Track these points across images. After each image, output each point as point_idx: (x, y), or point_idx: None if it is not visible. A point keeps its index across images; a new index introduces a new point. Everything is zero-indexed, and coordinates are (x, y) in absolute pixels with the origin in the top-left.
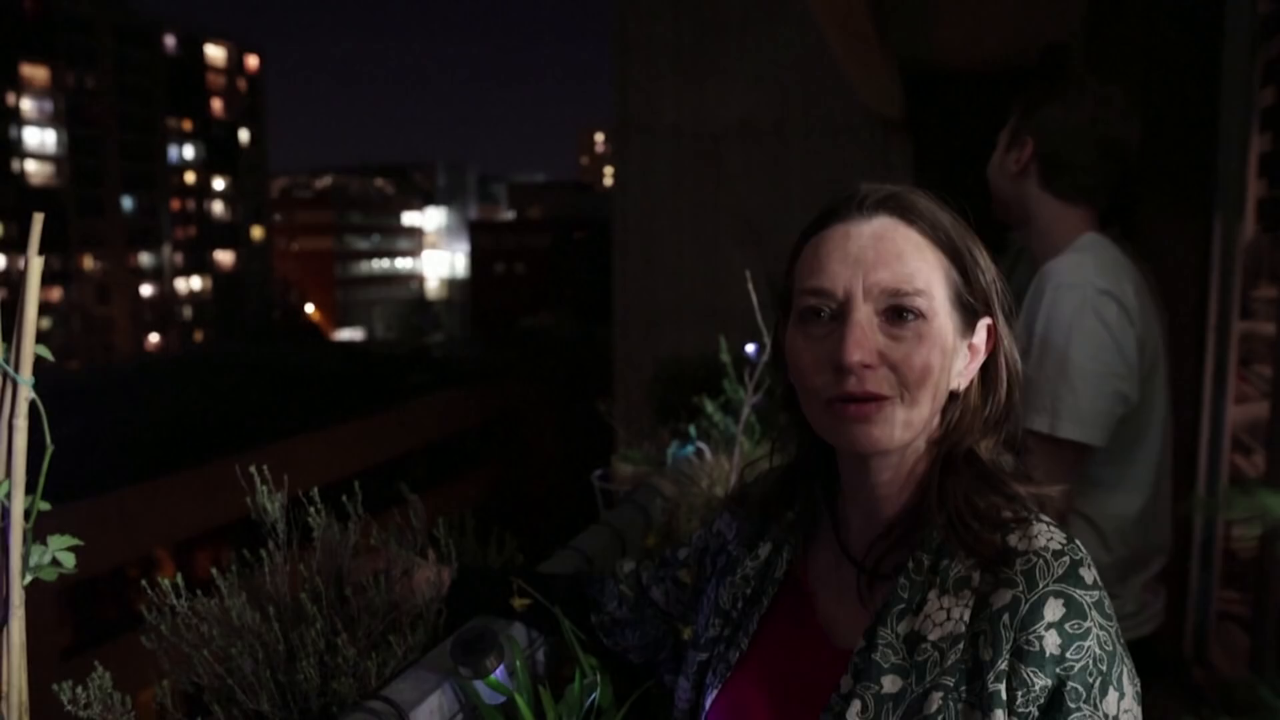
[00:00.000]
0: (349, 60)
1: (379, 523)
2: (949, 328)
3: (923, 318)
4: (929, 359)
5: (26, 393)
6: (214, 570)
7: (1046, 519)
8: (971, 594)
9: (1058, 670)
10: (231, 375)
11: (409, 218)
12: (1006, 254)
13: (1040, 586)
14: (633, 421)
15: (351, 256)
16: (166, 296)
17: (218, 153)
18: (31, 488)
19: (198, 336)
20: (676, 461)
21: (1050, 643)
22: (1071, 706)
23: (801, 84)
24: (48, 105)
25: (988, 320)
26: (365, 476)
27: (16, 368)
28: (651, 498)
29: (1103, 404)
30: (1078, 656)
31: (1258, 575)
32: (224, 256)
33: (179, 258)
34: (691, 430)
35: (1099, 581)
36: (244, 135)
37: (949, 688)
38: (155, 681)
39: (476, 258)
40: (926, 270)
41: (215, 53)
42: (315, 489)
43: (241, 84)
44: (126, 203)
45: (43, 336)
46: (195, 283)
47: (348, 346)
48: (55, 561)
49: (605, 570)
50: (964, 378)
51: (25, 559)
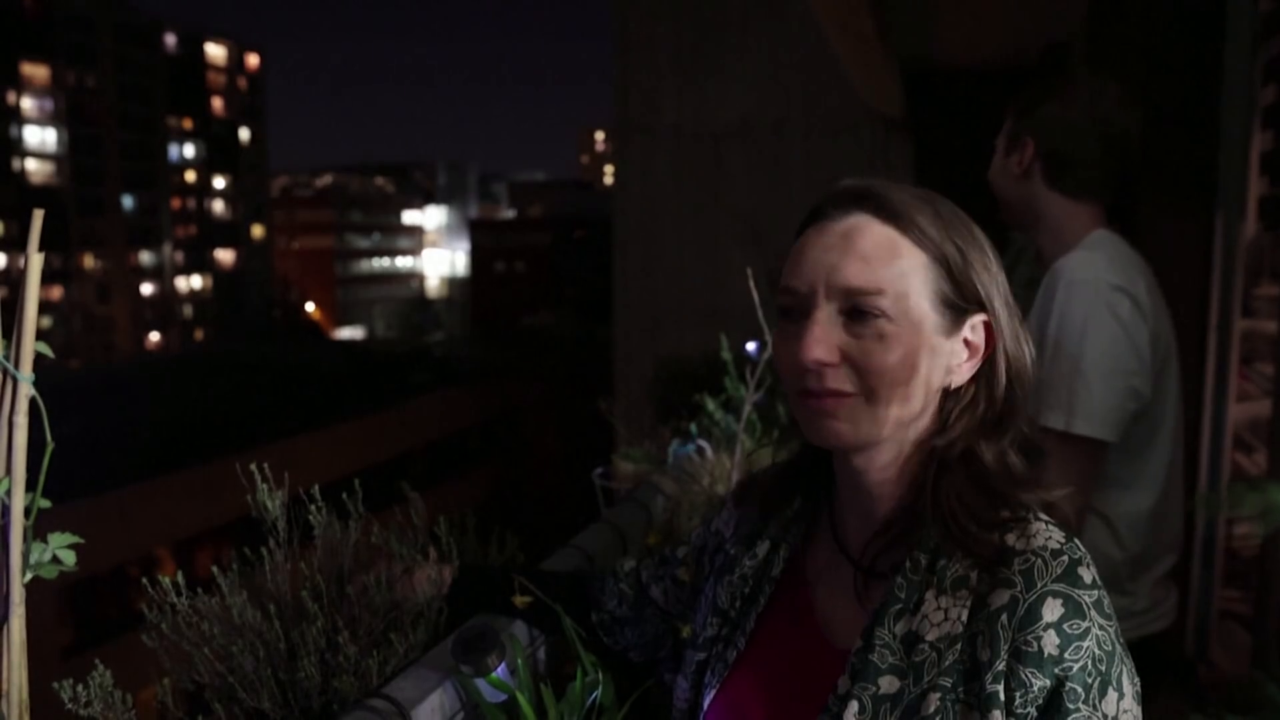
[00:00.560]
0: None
1: (380, 521)
2: (924, 326)
3: (885, 317)
4: (888, 359)
5: (27, 390)
6: (215, 568)
7: (1045, 518)
8: (969, 594)
9: (1056, 671)
10: (232, 374)
11: (409, 216)
12: (1007, 252)
13: (1039, 586)
14: (633, 420)
15: (352, 255)
16: (167, 295)
17: (218, 151)
18: (32, 485)
19: (198, 335)
20: (678, 459)
21: (1049, 643)
22: (1070, 707)
23: (802, 83)
24: (48, 104)
25: (983, 317)
26: (366, 475)
27: (17, 365)
28: (652, 496)
29: (1116, 400)
30: (1076, 657)
31: (1259, 574)
32: (224, 255)
33: (179, 256)
34: (692, 428)
35: (1098, 580)
36: (244, 134)
37: (947, 688)
38: (156, 680)
39: (477, 256)
40: (897, 268)
41: (216, 51)
42: (316, 487)
43: (242, 83)
44: (127, 201)
45: (43, 335)
46: (196, 281)
47: (348, 345)
48: (55, 559)
49: (606, 568)
50: (959, 375)
51: (25, 556)
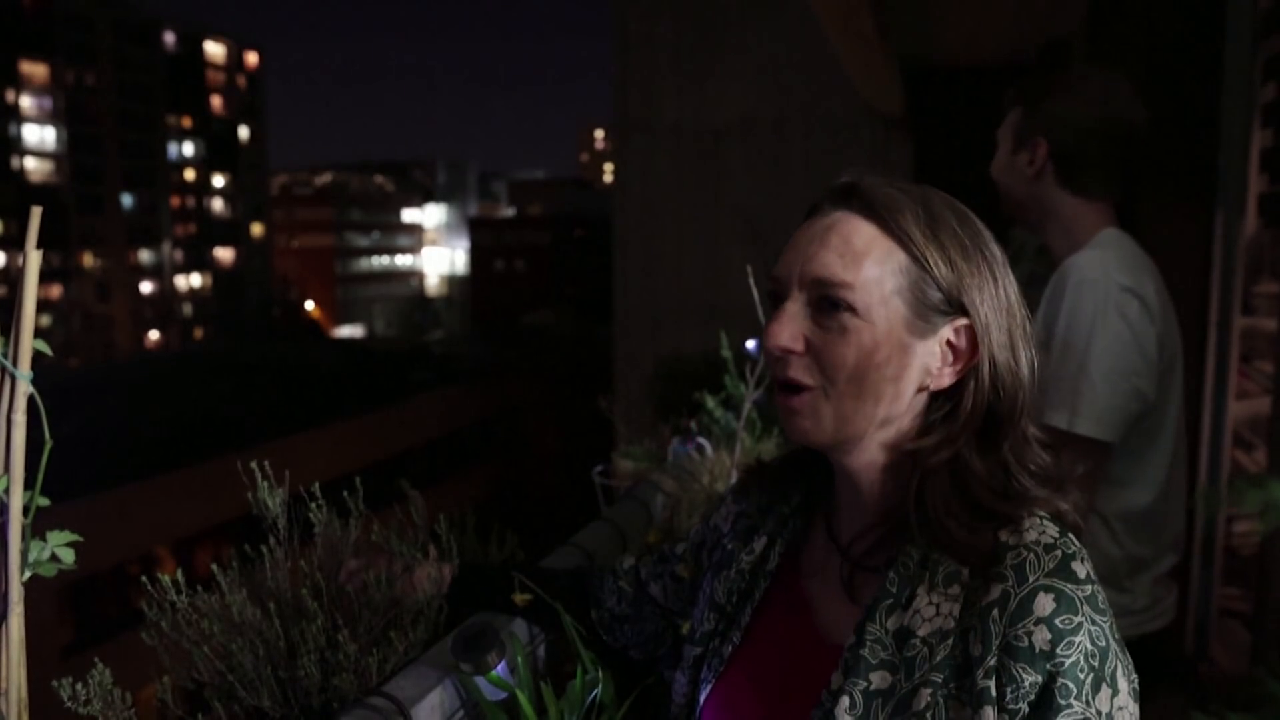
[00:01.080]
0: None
1: (380, 520)
2: (894, 324)
3: (851, 311)
4: (848, 353)
5: (25, 387)
6: (215, 566)
7: (1040, 513)
8: (961, 589)
9: (1048, 666)
10: (231, 373)
11: (409, 215)
12: (1008, 250)
13: (1030, 581)
14: (633, 418)
15: (351, 253)
16: (166, 294)
17: (217, 150)
18: (31, 483)
19: (198, 334)
20: (677, 457)
21: (1040, 638)
22: (1062, 703)
23: (801, 81)
24: (47, 102)
25: (965, 321)
26: (366, 474)
27: (15, 362)
28: (652, 494)
29: (1121, 401)
30: (1069, 652)
31: (1259, 571)
32: (224, 254)
33: (179, 255)
34: (692, 426)
35: (1093, 576)
36: (244, 132)
37: (938, 684)
38: (156, 678)
39: (476, 255)
40: (871, 264)
41: (215, 50)
42: (316, 485)
43: (241, 81)
44: (126, 200)
45: (43, 334)
46: (195, 280)
47: (348, 344)
48: (54, 557)
49: (606, 566)
50: (940, 379)
51: (24, 555)
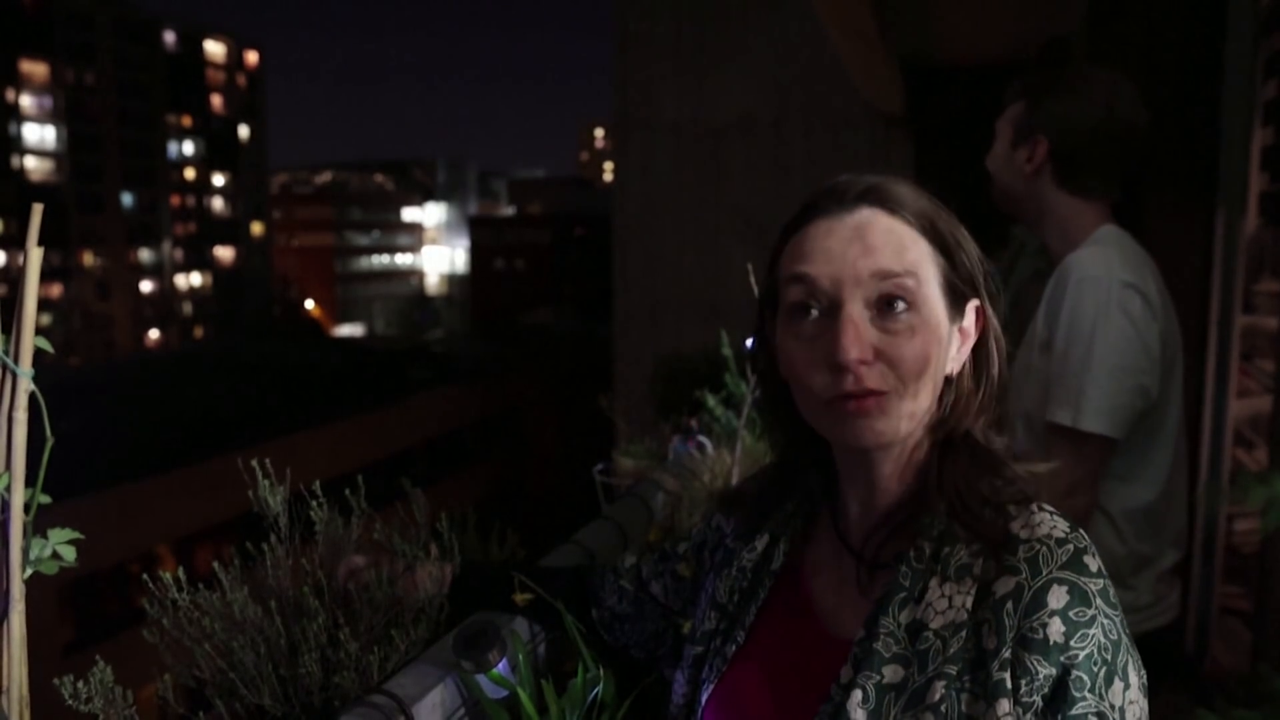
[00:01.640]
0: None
1: (381, 519)
2: (940, 314)
3: (913, 307)
4: (924, 350)
5: (26, 385)
6: (216, 564)
7: (1049, 508)
8: (974, 582)
9: (1062, 659)
10: (232, 371)
11: (409, 213)
12: (1009, 248)
13: (1044, 573)
14: (634, 416)
15: (351, 252)
16: (166, 293)
17: (217, 149)
18: (32, 481)
19: (198, 333)
20: (678, 456)
21: (1054, 630)
22: (1076, 696)
23: (801, 80)
24: (47, 101)
25: (975, 302)
26: (366, 473)
27: (16, 360)
28: (653, 492)
29: (1126, 398)
30: (1082, 645)
31: (1260, 569)
32: (224, 253)
33: (179, 254)
34: (693, 425)
35: (1103, 570)
36: (244, 131)
37: (952, 677)
38: (157, 676)
39: (476, 253)
40: (916, 258)
41: (215, 49)
42: (317, 484)
43: (241, 80)
44: (126, 199)
45: (43, 332)
46: (195, 279)
47: (348, 342)
48: (56, 555)
49: (607, 565)
50: (956, 362)
51: (25, 552)
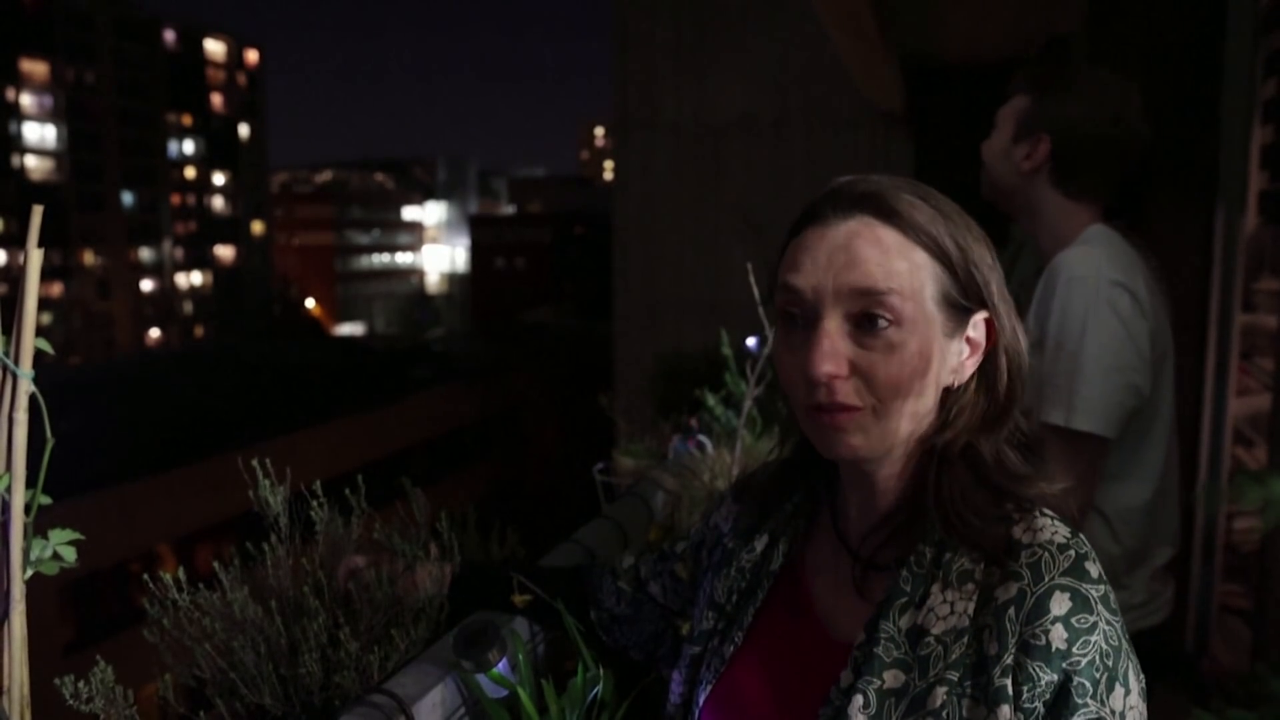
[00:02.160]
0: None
1: (381, 518)
2: (932, 329)
3: (895, 324)
4: (904, 369)
5: (27, 386)
6: (216, 564)
7: (1050, 513)
8: (975, 587)
9: (1064, 665)
10: (232, 370)
11: (409, 212)
12: (1009, 247)
13: (1046, 580)
14: (634, 415)
15: (352, 251)
16: (167, 292)
17: (218, 148)
18: (32, 481)
19: (198, 332)
20: (678, 455)
21: (1057, 637)
22: (1078, 702)
23: (801, 78)
24: (48, 100)
25: (984, 314)
26: (366, 472)
27: (16, 361)
28: (653, 491)
29: (1117, 396)
30: (1084, 651)
31: (1259, 568)
32: (224, 252)
33: (179, 253)
34: (693, 424)
35: (1104, 576)
36: (244, 130)
37: (953, 682)
38: (157, 676)
39: (477, 252)
40: (905, 270)
41: (215, 48)
42: (318, 484)
43: (241, 79)
44: (127, 198)
45: (43, 332)
46: (196, 278)
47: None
48: (56, 555)
49: (607, 564)
50: (960, 374)
51: (26, 553)
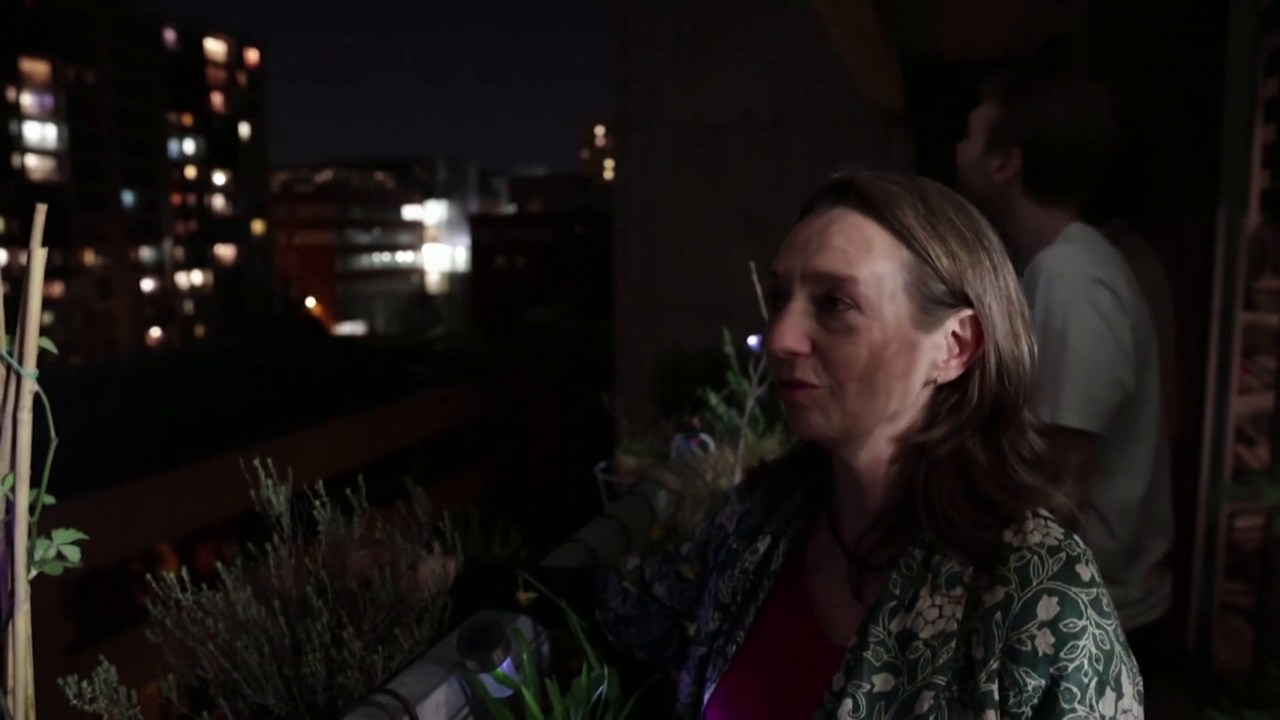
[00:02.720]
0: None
1: (383, 517)
2: (896, 320)
3: (855, 308)
4: (860, 352)
5: (31, 385)
6: (219, 564)
7: (1046, 514)
8: (964, 591)
9: (1051, 670)
10: (233, 370)
11: (409, 212)
12: (1009, 246)
13: (1034, 584)
14: (635, 415)
15: (352, 251)
16: (167, 291)
17: (218, 147)
18: (36, 481)
19: (199, 331)
20: (680, 454)
21: (1043, 642)
22: (1065, 707)
23: (802, 77)
24: (48, 100)
25: (969, 313)
26: (367, 472)
27: (20, 360)
28: (655, 490)
29: (1103, 391)
30: (1072, 656)
31: (1262, 567)
32: (225, 251)
33: (180, 252)
34: (695, 423)
35: (1097, 578)
36: (244, 130)
37: (940, 687)
38: (160, 675)
39: (477, 251)
40: (873, 260)
41: (215, 47)
42: (320, 483)
43: (241, 78)
44: (127, 198)
45: (44, 331)
46: (196, 277)
47: (349, 341)
48: (60, 555)
49: (610, 563)
50: (946, 371)
51: (30, 553)
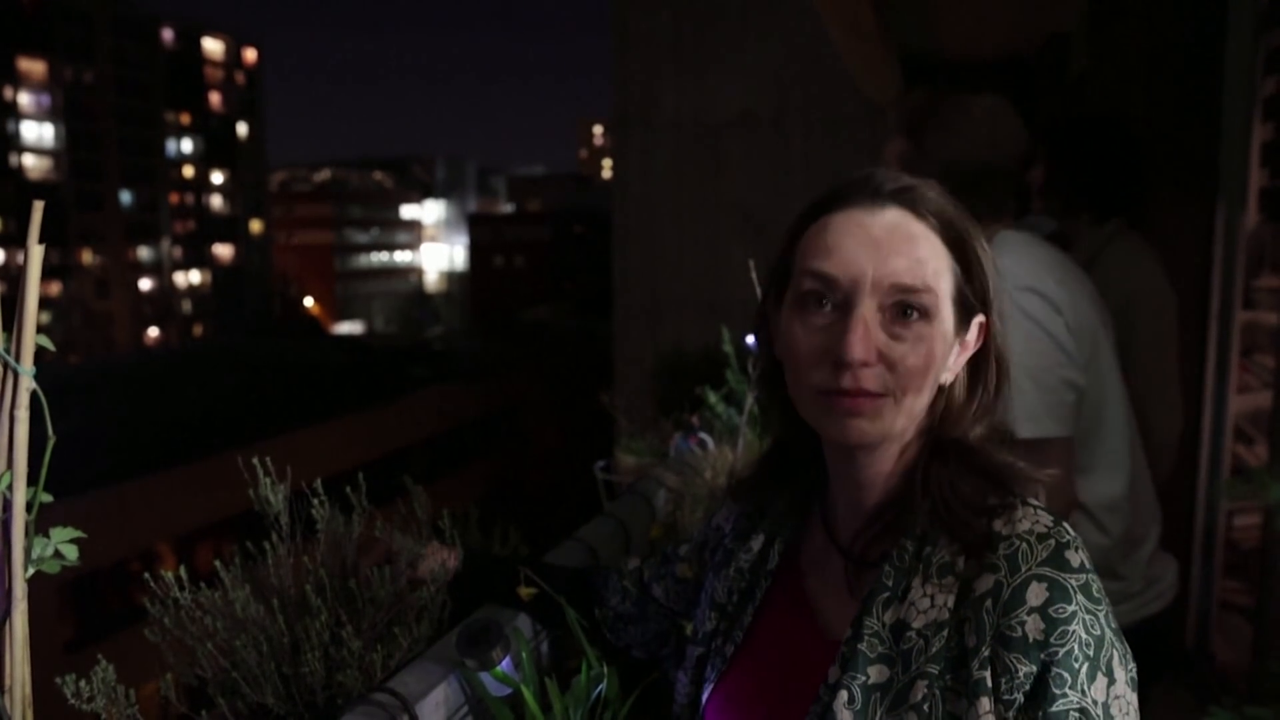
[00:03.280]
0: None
1: (382, 516)
2: (949, 327)
3: (926, 317)
4: (927, 361)
5: (28, 383)
6: (218, 563)
7: (1035, 503)
8: (955, 580)
9: (1042, 656)
10: (231, 369)
11: (408, 211)
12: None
13: (1023, 571)
14: (634, 413)
15: (350, 250)
16: (166, 291)
17: (216, 147)
18: (33, 479)
19: (197, 331)
20: (680, 452)
21: (1033, 628)
22: (1056, 692)
23: (801, 77)
24: (45, 99)
25: (981, 318)
26: (366, 471)
27: (17, 358)
28: (655, 489)
29: (1052, 396)
30: (1062, 641)
31: (1260, 565)
32: (223, 250)
33: (178, 252)
34: (694, 421)
35: (1087, 565)
36: (242, 129)
37: (934, 675)
38: (158, 674)
39: (476, 251)
40: (935, 268)
41: (213, 46)
42: (319, 481)
43: (240, 78)
44: (125, 197)
45: (42, 331)
46: (194, 277)
47: (347, 340)
48: (58, 554)
49: (610, 562)
50: (952, 372)
51: (28, 551)
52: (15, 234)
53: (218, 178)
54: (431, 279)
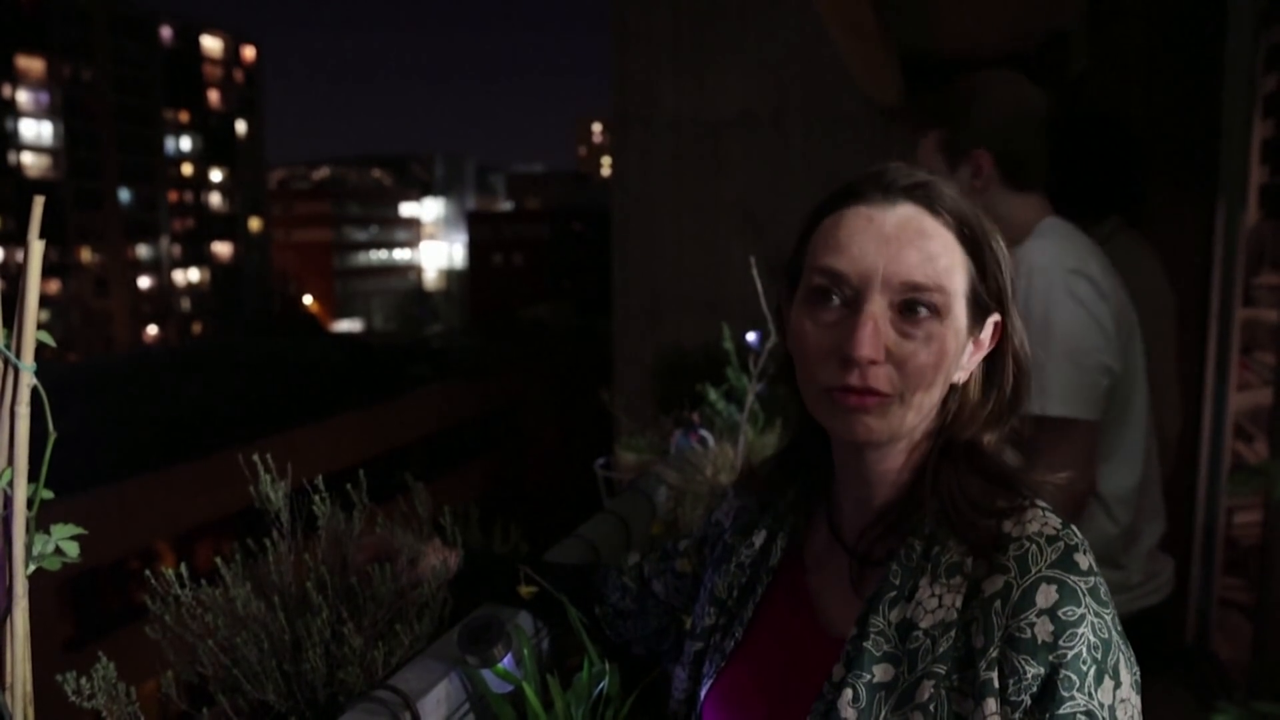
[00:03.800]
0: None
1: (383, 513)
2: (961, 325)
3: (936, 316)
4: (936, 360)
5: (28, 379)
6: (218, 560)
7: (1043, 504)
8: (964, 580)
9: (1050, 658)
10: (230, 367)
11: (407, 209)
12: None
13: (1032, 572)
14: (634, 410)
15: (349, 248)
16: (165, 289)
17: (215, 145)
18: (34, 477)
19: (196, 328)
20: (680, 449)
21: (1042, 630)
22: (1064, 695)
23: (801, 76)
24: (44, 97)
25: (996, 317)
26: (365, 469)
27: (18, 353)
28: (655, 486)
29: (1089, 378)
30: (1071, 644)
31: (1260, 562)
32: (222, 248)
33: (177, 250)
34: (695, 419)
35: (1095, 568)
36: (241, 127)
37: (940, 675)
38: (159, 672)
39: (475, 249)
40: (948, 265)
41: (212, 44)
42: (319, 478)
43: (238, 75)
44: (124, 195)
45: (42, 329)
46: (193, 275)
47: (346, 338)
48: (59, 551)
49: (611, 559)
50: (965, 371)
51: (29, 548)
52: (14, 232)
53: (216, 176)
54: (430, 277)
